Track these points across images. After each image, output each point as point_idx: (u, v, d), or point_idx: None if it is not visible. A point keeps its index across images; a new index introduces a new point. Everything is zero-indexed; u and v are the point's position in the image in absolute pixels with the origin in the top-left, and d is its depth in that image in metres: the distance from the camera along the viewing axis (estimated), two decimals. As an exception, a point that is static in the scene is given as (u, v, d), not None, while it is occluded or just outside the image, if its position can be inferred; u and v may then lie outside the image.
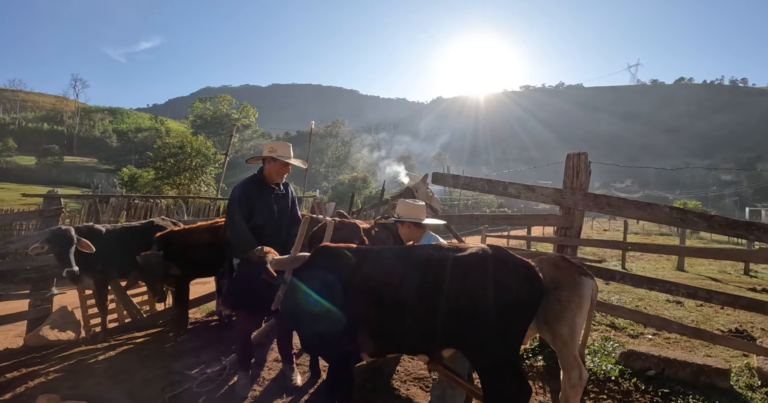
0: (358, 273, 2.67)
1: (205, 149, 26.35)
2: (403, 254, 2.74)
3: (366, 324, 2.61)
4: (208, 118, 59.19)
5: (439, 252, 2.62)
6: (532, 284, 2.46)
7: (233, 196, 3.52)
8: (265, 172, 3.67)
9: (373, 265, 2.69)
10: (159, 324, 5.63)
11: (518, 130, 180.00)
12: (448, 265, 2.50)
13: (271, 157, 3.58)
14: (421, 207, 3.59)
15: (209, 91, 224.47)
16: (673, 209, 4.26)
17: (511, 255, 2.54)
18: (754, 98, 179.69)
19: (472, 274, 2.44)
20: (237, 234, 3.40)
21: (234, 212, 3.44)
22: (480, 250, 2.54)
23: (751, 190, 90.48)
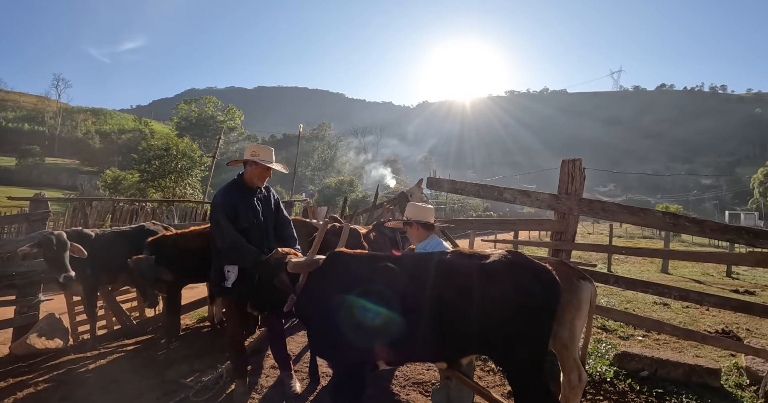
0: (375, 280, 2.66)
1: (191, 152, 26.01)
2: (423, 261, 2.72)
3: (383, 332, 2.58)
4: (193, 120, 58.52)
5: (461, 259, 2.61)
6: (554, 289, 2.48)
7: (216, 202, 3.41)
8: (245, 176, 3.57)
9: (392, 272, 2.67)
10: (149, 331, 5.53)
11: (503, 135, 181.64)
12: (472, 272, 2.50)
13: (253, 161, 3.49)
14: (430, 210, 3.61)
15: (194, 92, 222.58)
16: (666, 214, 4.31)
17: (532, 260, 2.56)
18: (733, 105, 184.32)
19: (496, 281, 2.44)
20: (229, 240, 3.30)
21: (219, 218, 3.33)
22: (502, 256, 2.54)
23: (730, 194, 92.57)
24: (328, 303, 2.68)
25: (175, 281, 4.58)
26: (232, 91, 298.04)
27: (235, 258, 3.37)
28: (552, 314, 2.49)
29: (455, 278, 2.52)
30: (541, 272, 2.49)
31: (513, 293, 2.41)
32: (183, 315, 5.85)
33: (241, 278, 3.42)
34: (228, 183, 3.60)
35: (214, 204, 3.43)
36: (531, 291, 2.42)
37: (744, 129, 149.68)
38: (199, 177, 26.49)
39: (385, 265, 2.72)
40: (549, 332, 2.51)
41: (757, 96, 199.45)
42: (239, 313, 3.58)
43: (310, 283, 2.85)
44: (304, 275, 2.87)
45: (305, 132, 65.48)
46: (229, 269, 3.43)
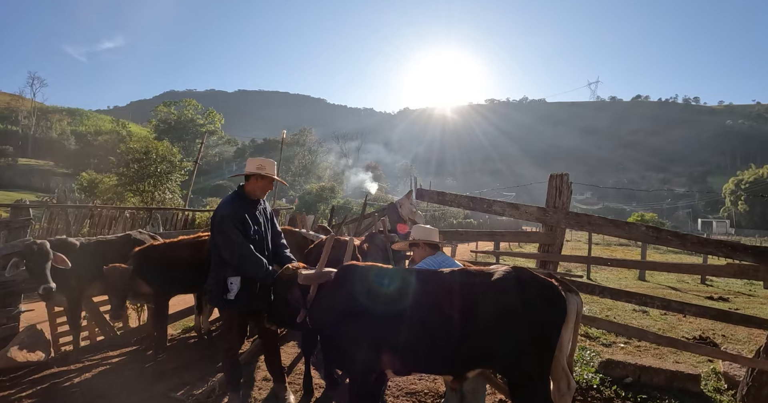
0: (386, 294, 2.73)
1: (170, 155, 25.56)
2: (432, 277, 2.78)
3: (393, 344, 2.66)
4: (172, 123, 57.66)
5: (468, 277, 2.68)
6: (559, 304, 2.55)
7: (224, 213, 3.38)
8: (247, 188, 3.56)
9: (402, 287, 2.73)
10: (134, 342, 5.41)
11: (484, 143, 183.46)
12: (479, 289, 2.58)
13: (260, 174, 3.51)
14: (435, 231, 3.75)
15: (173, 94, 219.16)
16: (649, 228, 4.46)
17: (537, 276, 2.63)
18: (705, 116, 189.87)
19: (503, 298, 2.52)
20: (239, 251, 3.29)
21: (229, 229, 3.32)
22: (507, 273, 2.62)
23: (702, 202, 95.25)
24: (343, 315, 2.77)
25: (163, 293, 4.51)
26: (213, 95, 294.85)
27: (245, 270, 3.35)
28: (558, 328, 2.56)
29: (462, 294, 2.59)
30: (546, 287, 2.57)
31: (519, 309, 2.48)
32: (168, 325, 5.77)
33: (244, 289, 3.41)
34: (233, 194, 3.59)
35: (221, 215, 3.39)
36: (536, 307, 2.50)
37: (716, 140, 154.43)
38: (179, 182, 26.06)
39: (398, 279, 2.79)
40: (554, 347, 2.57)
41: (728, 108, 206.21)
42: (240, 325, 3.57)
43: (324, 295, 2.92)
44: (314, 287, 2.94)
45: (286, 137, 65.04)
46: (232, 281, 3.41)
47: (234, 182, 48.88)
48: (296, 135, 68.33)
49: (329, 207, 35.19)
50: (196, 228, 12.30)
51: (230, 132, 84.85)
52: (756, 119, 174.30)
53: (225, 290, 3.41)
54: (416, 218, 6.04)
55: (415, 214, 6.02)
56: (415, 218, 6.01)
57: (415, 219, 6.03)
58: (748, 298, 12.14)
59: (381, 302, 2.70)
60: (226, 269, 3.41)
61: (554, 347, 2.59)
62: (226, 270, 3.42)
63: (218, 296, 3.46)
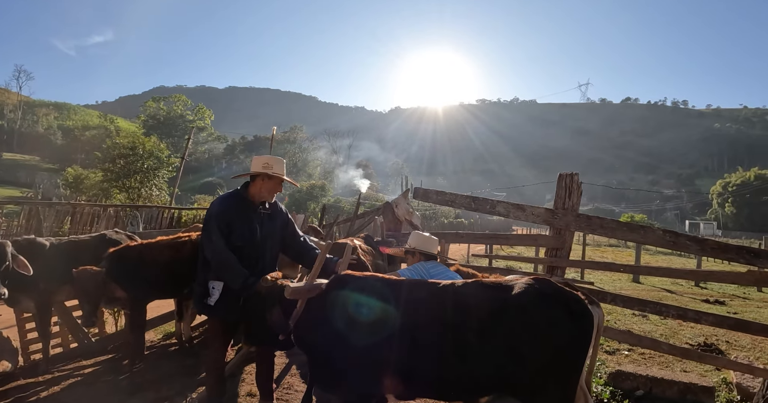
0: (386, 309, 2.41)
1: (158, 151, 25.08)
2: (440, 290, 2.46)
3: (395, 366, 2.35)
4: (161, 119, 56.88)
5: (484, 291, 2.36)
6: (586, 320, 2.27)
7: (211, 211, 3.11)
8: (251, 189, 3.22)
9: (405, 301, 2.42)
10: (110, 349, 4.99)
11: (475, 142, 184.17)
12: (497, 305, 2.27)
13: (266, 174, 3.15)
14: (435, 241, 3.52)
15: (163, 90, 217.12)
16: (666, 232, 4.19)
17: (561, 289, 2.34)
18: (693, 119, 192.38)
19: (524, 315, 2.22)
20: (218, 256, 2.98)
21: (211, 230, 3.02)
22: (529, 286, 2.30)
23: (690, 204, 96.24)
24: (335, 332, 2.45)
25: (140, 298, 4.14)
26: (203, 91, 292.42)
27: (221, 277, 3.06)
28: (586, 347, 2.27)
29: (477, 311, 2.28)
30: (572, 302, 2.27)
31: (543, 328, 2.19)
32: (148, 331, 5.39)
33: (226, 296, 3.08)
34: (229, 193, 3.27)
35: (209, 212, 3.12)
36: (563, 324, 2.21)
37: (703, 143, 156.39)
38: (167, 178, 25.57)
39: (400, 292, 2.47)
40: (581, 369, 2.29)
41: (716, 112, 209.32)
42: (223, 334, 3.25)
43: (313, 309, 2.58)
44: (302, 301, 2.60)
45: (277, 135, 64.46)
46: (213, 286, 3.10)
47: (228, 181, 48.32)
48: (287, 133, 67.77)
49: (320, 205, 34.84)
50: (183, 227, 11.90)
51: (220, 129, 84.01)
52: (743, 123, 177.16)
53: (205, 294, 3.11)
54: (413, 219, 5.75)
55: (412, 214, 5.74)
56: (411, 218, 5.72)
57: (412, 220, 5.74)
58: (743, 301, 12.01)
59: (381, 319, 2.39)
60: (209, 272, 3.11)
61: (581, 369, 2.30)
62: (208, 272, 3.11)
63: (199, 300, 3.16)
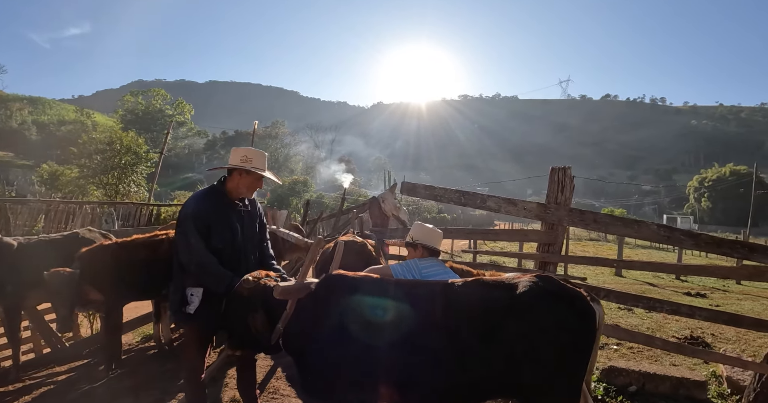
0: (383, 310, 2.26)
1: (136, 147, 24.42)
2: (441, 291, 2.31)
3: (392, 374, 2.20)
4: (140, 114, 55.60)
5: (486, 290, 2.23)
6: (592, 319, 2.17)
7: (186, 211, 2.86)
8: (229, 184, 2.99)
9: (402, 302, 2.26)
10: (85, 354, 4.74)
11: (458, 137, 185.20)
12: (501, 305, 2.15)
13: (245, 169, 2.92)
14: (439, 234, 3.22)
15: (141, 84, 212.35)
16: (661, 227, 4.15)
17: (565, 287, 2.23)
18: (671, 116, 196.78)
19: (530, 315, 2.11)
20: (196, 259, 2.76)
21: (188, 231, 2.78)
22: (533, 284, 2.18)
23: (668, 199, 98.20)
24: (326, 336, 2.28)
25: (116, 300, 3.92)
26: (182, 85, 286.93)
27: (203, 281, 2.82)
28: (591, 347, 2.18)
29: (480, 312, 2.15)
30: (576, 300, 2.16)
31: (549, 327, 2.08)
32: (127, 333, 5.15)
33: (206, 302, 2.86)
34: (205, 190, 3.03)
35: (185, 213, 2.86)
36: (569, 324, 2.11)
37: (680, 139, 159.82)
38: (145, 174, 24.94)
39: (396, 293, 2.31)
40: (585, 367, 2.19)
41: (693, 109, 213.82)
42: (202, 342, 3.03)
43: (303, 311, 2.40)
44: (292, 302, 2.41)
45: (258, 130, 63.53)
46: (192, 293, 2.85)
47: (209, 177, 47.48)
48: (269, 128, 66.97)
49: (302, 201, 34.45)
50: (162, 224, 11.56)
51: (200, 124, 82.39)
52: (719, 120, 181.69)
53: (183, 302, 2.86)
54: (400, 214, 5.61)
55: (399, 209, 5.59)
56: (399, 213, 5.58)
57: (399, 215, 5.60)
58: (723, 293, 12.19)
59: (377, 322, 2.23)
60: (186, 277, 2.86)
61: (586, 369, 2.20)
62: (185, 278, 2.86)
63: (177, 310, 2.90)
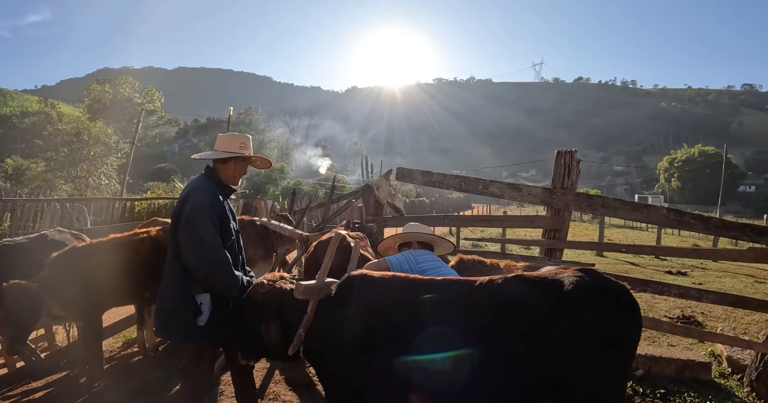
0: (416, 313, 2.03)
1: (105, 137, 23.47)
2: (482, 291, 2.08)
3: (426, 382, 1.99)
4: (107, 103, 53.48)
5: (530, 287, 2.00)
6: (638, 313, 2.00)
7: (200, 203, 2.48)
8: (223, 173, 2.70)
9: (438, 303, 2.05)
10: (62, 366, 4.30)
11: (432, 122, 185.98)
12: (548, 304, 1.93)
13: (242, 156, 2.68)
14: (425, 227, 3.15)
15: (108, 72, 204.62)
16: (671, 211, 4.09)
17: (610, 280, 2.03)
18: (642, 99, 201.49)
19: (581, 313, 1.91)
20: (211, 257, 2.42)
21: (203, 227, 2.43)
22: (579, 279, 1.96)
23: (639, 179, 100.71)
24: (355, 342, 2.05)
25: (94, 307, 3.56)
26: (151, 72, 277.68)
27: (216, 284, 2.48)
28: (637, 342, 2.03)
29: (526, 313, 1.94)
30: (622, 294, 1.98)
31: (600, 325, 1.90)
32: (108, 339, 4.78)
33: (218, 310, 2.55)
34: (204, 181, 2.68)
35: (196, 204, 2.48)
36: (619, 321, 1.95)
37: (651, 121, 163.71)
38: (116, 166, 24.05)
39: (431, 294, 2.07)
40: (630, 367, 2.03)
41: (662, 91, 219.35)
42: (209, 357, 2.68)
43: (325, 316, 2.18)
44: (313, 304, 2.18)
45: (231, 116, 62.05)
46: (202, 300, 2.51)
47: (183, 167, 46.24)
48: (242, 114, 65.52)
49: (279, 189, 33.82)
50: (137, 219, 11.04)
51: (171, 112, 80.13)
52: (687, 102, 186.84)
53: (195, 313, 2.50)
54: (396, 202, 5.36)
55: (395, 197, 5.33)
56: (395, 201, 5.32)
57: (395, 203, 5.35)
58: (702, 271, 12.47)
59: (411, 327, 2.00)
60: (193, 284, 2.50)
61: (631, 366, 2.04)
62: (192, 285, 2.50)
63: (185, 323, 2.51)
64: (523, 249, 13.43)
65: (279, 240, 5.29)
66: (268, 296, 2.27)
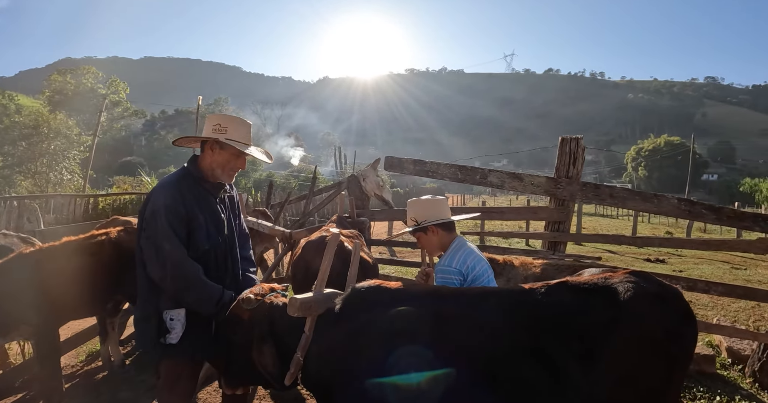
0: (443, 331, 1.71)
1: (66, 130, 22.29)
2: (521, 302, 1.77)
3: None
4: (69, 94, 51.17)
5: (582, 298, 1.70)
6: (694, 322, 1.77)
7: (153, 206, 2.10)
8: (203, 164, 2.23)
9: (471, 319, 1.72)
10: (18, 386, 3.74)
11: (404, 112, 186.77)
12: (602, 316, 1.65)
13: (216, 139, 2.17)
14: (443, 202, 2.49)
15: (70, 62, 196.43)
16: (681, 201, 3.91)
17: (665, 285, 1.78)
18: (609, 90, 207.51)
19: (642, 325, 1.64)
20: (175, 269, 2.04)
21: (159, 233, 2.06)
22: (635, 285, 1.69)
23: (608, 168, 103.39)
24: (369, 367, 1.70)
25: (48, 321, 3.08)
26: (115, 62, 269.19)
27: (186, 300, 2.11)
28: (692, 352, 1.81)
29: (575, 325, 1.64)
30: (679, 300, 1.75)
31: (661, 337, 1.64)
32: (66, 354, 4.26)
33: (193, 326, 2.16)
34: (175, 174, 2.26)
35: (153, 207, 2.11)
36: (679, 330, 1.69)
37: (618, 112, 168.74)
38: (78, 159, 22.91)
39: (462, 310, 1.75)
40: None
41: (630, 83, 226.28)
42: (188, 379, 2.28)
43: (329, 335, 1.82)
44: (311, 321, 1.82)
45: (201, 107, 60.28)
46: (172, 316, 2.12)
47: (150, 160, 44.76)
48: (211, 105, 63.77)
49: (251, 181, 33.04)
50: (102, 217, 10.32)
51: (137, 103, 77.42)
52: (653, 94, 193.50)
53: (161, 330, 2.14)
54: (384, 194, 5.01)
55: (383, 188, 4.98)
56: (382, 192, 4.98)
57: (383, 195, 5.00)
58: (679, 258, 12.61)
59: (438, 350, 1.65)
60: (161, 298, 2.13)
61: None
62: (159, 299, 2.13)
63: (148, 339, 2.17)
64: (503, 241, 13.35)
65: (257, 238, 4.83)
66: (256, 314, 1.89)
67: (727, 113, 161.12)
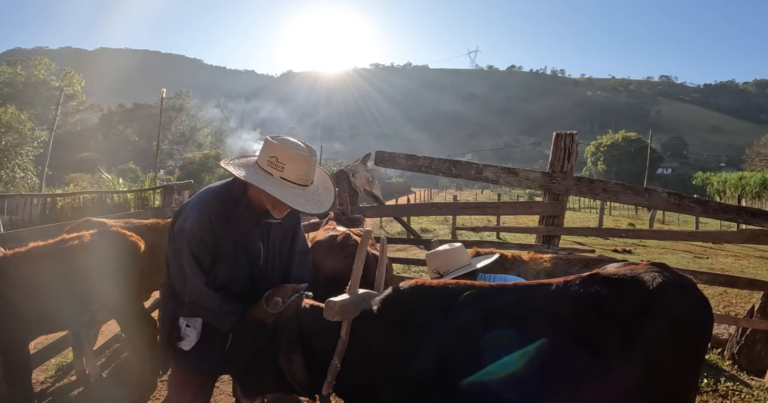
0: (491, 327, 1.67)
1: (18, 124, 21.19)
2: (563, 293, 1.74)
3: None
4: (20, 86, 48.65)
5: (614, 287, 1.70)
6: (710, 308, 1.79)
7: (184, 225, 1.92)
8: (251, 192, 1.97)
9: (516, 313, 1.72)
10: None
11: (369, 107, 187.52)
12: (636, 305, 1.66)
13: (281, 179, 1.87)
14: (460, 249, 2.53)
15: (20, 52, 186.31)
16: (671, 195, 4.08)
17: (682, 275, 1.79)
18: (570, 87, 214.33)
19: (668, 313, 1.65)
20: (190, 296, 1.91)
21: (184, 257, 1.90)
22: (660, 275, 1.70)
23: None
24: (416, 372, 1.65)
25: (14, 339, 2.78)
26: (69, 52, 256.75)
27: (201, 316, 2.01)
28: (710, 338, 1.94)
29: (614, 315, 1.68)
30: (696, 290, 1.79)
31: (688, 326, 1.69)
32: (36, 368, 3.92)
33: (208, 337, 2.02)
34: (215, 192, 2.03)
35: (180, 226, 1.93)
36: (700, 319, 1.73)
37: (578, 108, 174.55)
38: (32, 156, 21.82)
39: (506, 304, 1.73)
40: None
41: (589, 81, 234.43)
42: (200, 392, 2.13)
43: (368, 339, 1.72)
44: (347, 324, 1.70)
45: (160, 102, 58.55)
46: (188, 323, 2.00)
47: (108, 156, 42.95)
48: (172, 98, 61.90)
49: (214, 177, 32.25)
50: (61, 219, 9.64)
51: (93, 97, 74.33)
52: (611, 92, 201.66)
53: (175, 336, 2.02)
54: (374, 190, 4.88)
55: (373, 184, 4.85)
56: (372, 189, 4.84)
57: (374, 191, 4.87)
58: (645, 249, 13.04)
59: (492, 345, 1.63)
60: (180, 304, 2.01)
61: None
62: (178, 305, 2.02)
63: (165, 344, 2.06)
64: (474, 235, 13.41)
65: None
66: (282, 319, 1.74)
67: (680, 110, 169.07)
